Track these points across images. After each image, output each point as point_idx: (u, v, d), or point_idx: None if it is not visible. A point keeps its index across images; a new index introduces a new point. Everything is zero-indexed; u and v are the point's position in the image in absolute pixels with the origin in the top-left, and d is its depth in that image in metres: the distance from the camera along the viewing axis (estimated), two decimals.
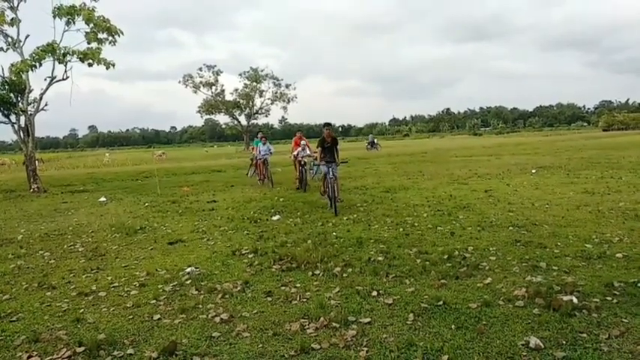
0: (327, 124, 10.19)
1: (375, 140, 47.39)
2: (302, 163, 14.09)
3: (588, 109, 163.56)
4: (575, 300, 4.06)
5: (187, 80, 67.88)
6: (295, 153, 14.50)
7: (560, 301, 4.02)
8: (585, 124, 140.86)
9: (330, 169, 9.76)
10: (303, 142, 14.70)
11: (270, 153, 16.12)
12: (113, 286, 5.26)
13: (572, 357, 3.17)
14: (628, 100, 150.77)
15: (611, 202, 9.20)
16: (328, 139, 9.98)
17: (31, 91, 17.38)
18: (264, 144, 16.01)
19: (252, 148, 17.06)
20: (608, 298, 4.16)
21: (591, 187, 11.38)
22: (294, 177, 14.87)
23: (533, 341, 3.35)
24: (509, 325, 3.71)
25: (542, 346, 3.31)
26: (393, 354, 3.32)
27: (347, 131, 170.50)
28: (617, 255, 5.48)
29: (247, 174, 19.51)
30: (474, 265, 5.34)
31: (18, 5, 17.02)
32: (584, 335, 3.47)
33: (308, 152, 14.38)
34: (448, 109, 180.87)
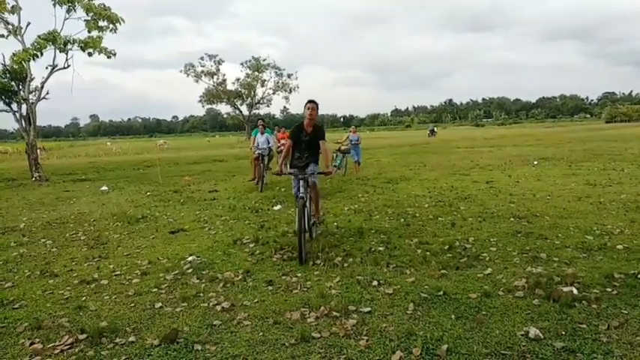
0: (312, 101, 6.11)
1: (435, 129, 59.20)
2: None
3: (591, 100, 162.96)
4: (575, 291, 4.07)
5: (189, 69, 67.68)
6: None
7: (560, 292, 4.03)
8: (588, 115, 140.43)
9: (303, 182, 5.94)
10: None
11: (269, 147, 12.85)
12: (115, 275, 5.28)
13: (572, 347, 3.18)
14: (631, 92, 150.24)
15: (612, 193, 9.19)
16: (308, 127, 6.12)
17: (32, 80, 17.35)
18: (262, 134, 12.92)
19: (253, 140, 13.51)
20: (608, 290, 4.17)
21: (593, 179, 11.36)
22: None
23: (533, 331, 3.36)
24: (509, 316, 3.72)
25: (542, 337, 3.32)
26: (393, 343, 3.34)
27: (348, 122, 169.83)
28: (618, 247, 5.49)
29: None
30: (474, 256, 5.36)
31: None
32: (584, 326, 3.48)
33: None
34: (450, 99, 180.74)
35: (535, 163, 16.23)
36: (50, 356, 3.40)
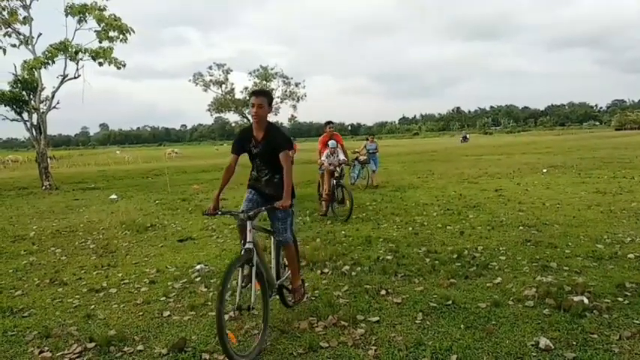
0: (258, 93, 4.09)
1: (468, 135, 63.44)
2: (335, 174, 9.17)
3: (600, 108, 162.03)
4: (585, 300, 4.02)
5: (197, 79, 68.02)
6: (324, 158, 9.34)
7: (570, 302, 3.99)
8: (597, 123, 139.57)
9: (251, 224, 3.74)
10: (332, 142, 9.38)
11: None
12: (123, 283, 5.30)
13: (583, 358, 3.14)
14: None
15: (623, 202, 9.10)
16: (257, 132, 4.02)
17: (43, 90, 17.60)
18: None
19: None
20: (620, 299, 4.11)
21: (603, 187, 11.27)
22: (322, 194, 9.46)
23: (543, 342, 3.32)
24: (519, 326, 3.68)
25: (552, 347, 3.28)
26: (402, 353, 3.32)
27: (356, 130, 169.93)
28: (629, 255, 5.42)
29: None
30: (483, 265, 5.32)
31: (30, 4, 17.22)
32: (595, 336, 3.44)
33: (342, 157, 9.37)
34: (458, 107, 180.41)
35: (544, 171, 16.13)
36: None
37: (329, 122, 10.10)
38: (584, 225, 7.21)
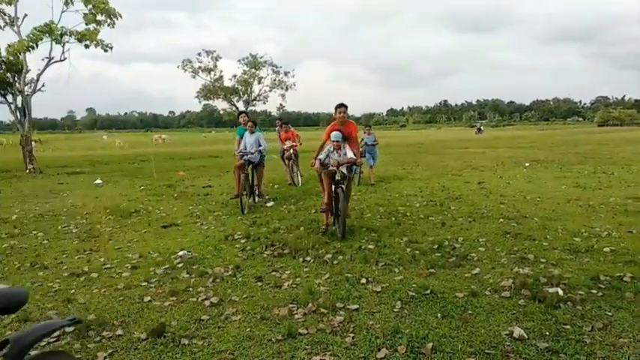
0: None
1: (482, 127, 65.35)
2: (336, 176, 6.57)
3: (584, 104, 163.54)
4: (560, 292, 4.11)
5: (186, 65, 67.35)
6: (322, 157, 6.81)
7: (545, 293, 4.07)
8: (581, 119, 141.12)
9: None
10: (335, 134, 6.70)
11: (260, 151, 9.06)
12: (105, 268, 5.29)
13: (555, 348, 3.21)
14: (624, 96, 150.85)
15: (601, 197, 9.25)
16: None
17: (28, 72, 17.31)
18: (251, 133, 9.20)
19: (238, 142, 9.57)
20: (594, 291, 4.21)
21: (583, 182, 11.44)
22: (321, 201, 7.46)
23: (517, 331, 3.40)
24: (495, 315, 3.76)
25: (526, 337, 3.36)
26: (379, 340, 3.37)
27: None
28: (605, 249, 5.53)
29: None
30: (463, 256, 5.39)
31: None
32: (568, 327, 3.52)
33: (350, 154, 6.72)
34: (445, 100, 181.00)
35: (527, 165, 16.31)
36: (36, 348, 3.40)
37: (340, 105, 6.80)
38: (563, 218, 7.33)
